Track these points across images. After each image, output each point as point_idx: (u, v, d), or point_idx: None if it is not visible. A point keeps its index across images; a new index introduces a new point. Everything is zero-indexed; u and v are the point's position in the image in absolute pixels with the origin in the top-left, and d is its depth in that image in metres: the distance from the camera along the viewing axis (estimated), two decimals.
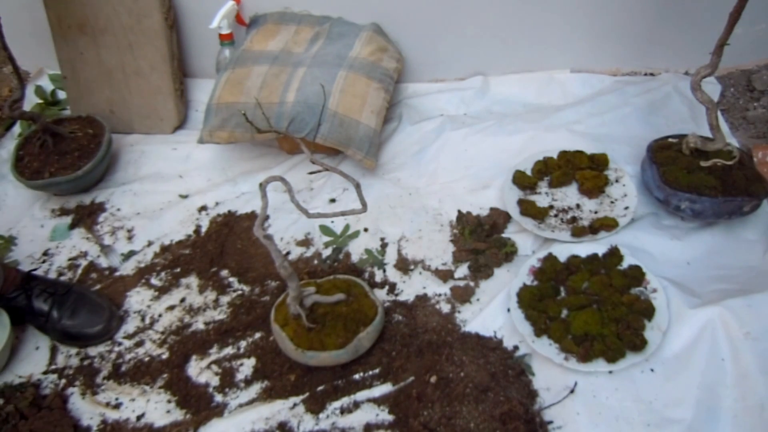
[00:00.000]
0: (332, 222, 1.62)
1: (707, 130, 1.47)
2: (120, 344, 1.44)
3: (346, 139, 1.65)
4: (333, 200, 1.71)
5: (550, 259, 1.42)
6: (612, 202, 1.56)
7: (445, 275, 1.48)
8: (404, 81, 1.99)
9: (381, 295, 1.46)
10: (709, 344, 1.23)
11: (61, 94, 2.10)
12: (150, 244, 1.66)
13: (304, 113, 1.63)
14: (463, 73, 1.98)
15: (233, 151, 1.89)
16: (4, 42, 1.60)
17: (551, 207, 1.57)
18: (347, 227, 1.61)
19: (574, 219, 1.54)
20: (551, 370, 1.25)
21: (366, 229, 1.61)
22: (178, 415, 1.29)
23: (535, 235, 1.51)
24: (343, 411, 1.25)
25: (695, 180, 1.42)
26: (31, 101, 2.06)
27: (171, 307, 1.50)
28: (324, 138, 1.65)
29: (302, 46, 1.83)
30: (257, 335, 1.41)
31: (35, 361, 1.42)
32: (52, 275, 1.61)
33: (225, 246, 1.63)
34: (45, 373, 1.39)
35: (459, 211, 1.60)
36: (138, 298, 1.53)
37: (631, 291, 1.34)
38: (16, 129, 2.03)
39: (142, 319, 1.48)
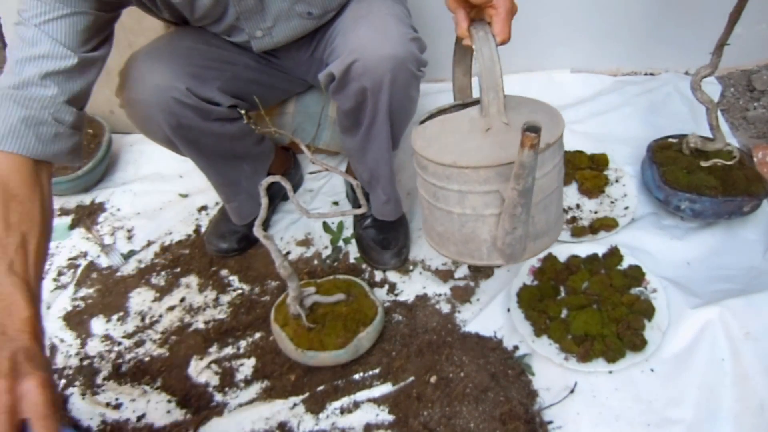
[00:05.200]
0: (333, 223, 1.63)
1: (707, 130, 1.47)
2: (120, 344, 1.44)
3: (346, 150, 1.65)
4: (336, 203, 1.71)
5: (550, 259, 1.42)
6: (612, 202, 1.56)
7: (445, 275, 1.48)
8: None
9: (381, 295, 1.46)
10: (709, 344, 1.22)
11: None
12: (150, 243, 1.66)
13: (305, 123, 1.63)
14: None
15: None
16: (4, 42, 1.60)
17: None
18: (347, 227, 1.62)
19: (574, 219, 1.54)
20: (551, 370, 1.25)
21: None
22: (178, 415, 1.29)
23: None
24: (343, 411, 1.25)
25: (695, 180, 1.42)
26: None
27: (171, 308, 1.50)
28: (326, 144, 1.66)
29: None
30: (257, 335, 1.41)
31: None
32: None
33: None
34: None
35: None
36: (139, 299, 1.53)
37: (631, 291, 1.34)
38: None
39: (143, 319, 1.48)
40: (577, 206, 1.57)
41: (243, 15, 1.21)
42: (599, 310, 1.30)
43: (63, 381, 1.37)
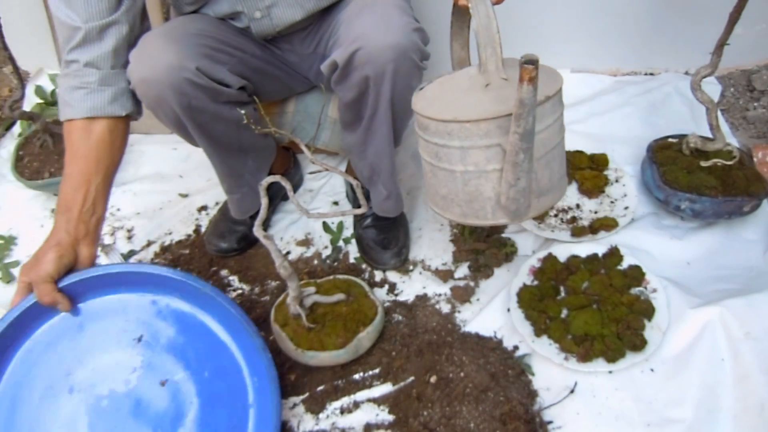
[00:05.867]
0: (332, 223, 1.63)
1: (707, 130, 1.47)
2: None
3: (346, 147, 1.65)
4: (336, 203, 1.71)
5: (550, 259, 1.42)
6: (612, 202, 1.56)
7: (445, 275, 1.48)
8: None
9: (381, 295, 1.46)
10: (709, 344, 1.22)
11: None
12: (150, 244, 1.66)
13: (304, 122, 1.63)
14: None
15: None
16: (4, 42, 1.60)
17: (551, 207, 1.57)
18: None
19: (574, 219, 1.54)
20: (551, 370, 1.25)
21: None
22: None
23: (535, 235, 1.51)
24: (343, 411, 1.25)
25: (695, 180, 1.42)
26: (31, 101, 2.06)
27: None
28: (325, 145, 1.66)
29: None
30: None
31: None
32: None
33: None
34: None
35: None
36: None
37: (631, 291, 1.34)
38: (16, 129, 2.03)
39: None
40: (577, 206, 1.57)
41: None
42: (599, 310, 1.30)
43: None
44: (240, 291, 1.52)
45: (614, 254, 1.40)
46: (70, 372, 1.09)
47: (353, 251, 1.57)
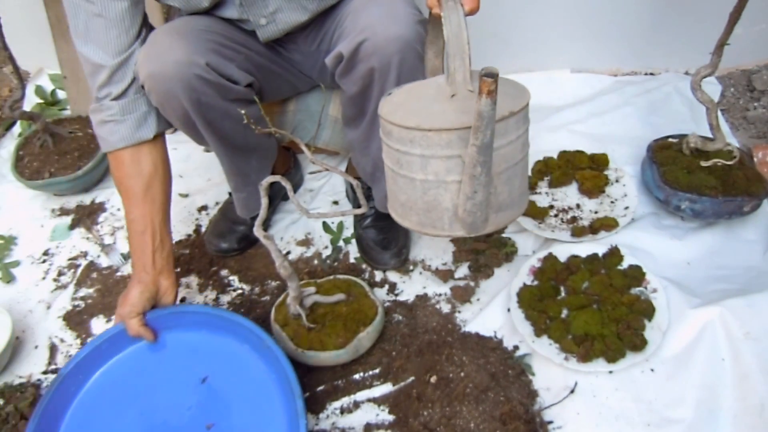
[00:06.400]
0: (333, 223, 1.63)
1: (707, 130, 1.47)
2: None
3: (348, 144, 1.65)
4: (336, 202, 1.71)
5: (550, 259, 1.42)
6: (612, 202, 1.56)
7: (445, 275, 1.48)
8: None
9: (381, 295, 1.46)
10: (709, 344, 1.22)
11: (61, 94, 2.10)
12: None
13: (306, 121, 1.63)
14: None
15: None
16: (4, 42, 1.60)
17: (551, 207, 1.57)
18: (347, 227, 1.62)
19: (574, 219, 1.54)
20: (551, 370, 1.25)
21: None
22: None
23: (535, 235, 1.51)
24: (343, 411, 1.25)
25: (695, 180, 1.42)
26: (31, 101, 2.06)
27: None
28: (326, 144, 1.66)
29: None
30: None
31: (35, 361, 1.42)
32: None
33: None
34: (45, 373, 1.39)
35: None
36: None
37: (631, 291, 1.34)
38: (16, 129, 2.03)
39: None
40: (577, 206, 1.57)
41: (245, 0, 1.22)
42: (599, 310, 1.30)
43: None
44: (240, 291, 1.52)
45: (614, 254, 1.40)
46: (138, 395, 1.21)
47: (353, 251, 1.57)
